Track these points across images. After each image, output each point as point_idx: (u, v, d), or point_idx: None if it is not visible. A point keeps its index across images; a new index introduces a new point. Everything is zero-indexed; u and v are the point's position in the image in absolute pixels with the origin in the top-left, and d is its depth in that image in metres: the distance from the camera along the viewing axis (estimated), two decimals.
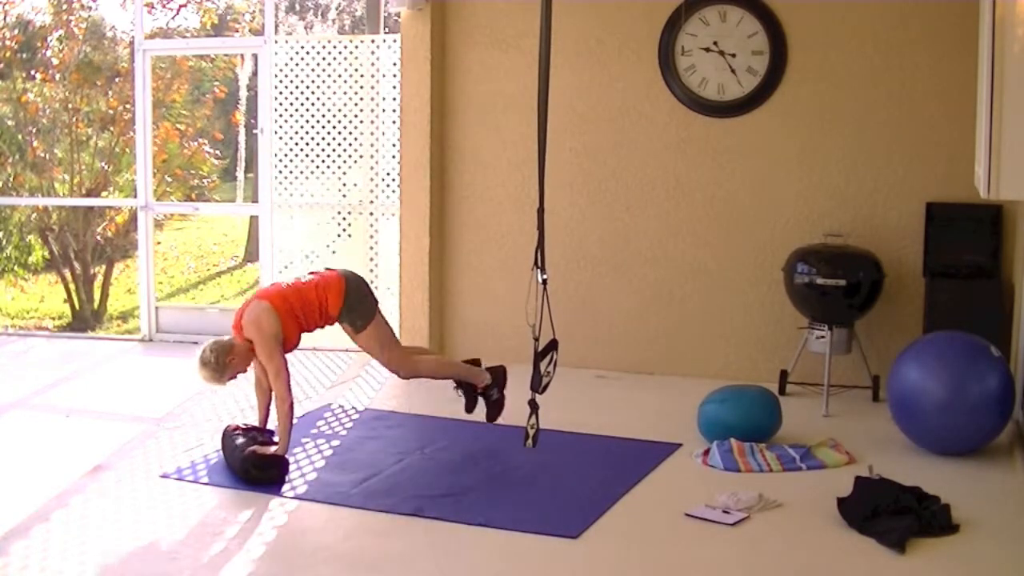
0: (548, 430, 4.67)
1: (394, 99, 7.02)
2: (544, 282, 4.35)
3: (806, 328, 5.83)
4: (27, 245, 12.60)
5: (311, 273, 4.98)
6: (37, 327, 11.57)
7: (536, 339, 4.36)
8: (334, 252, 7.33)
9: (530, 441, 4.57)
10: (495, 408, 5.00)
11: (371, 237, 7.25)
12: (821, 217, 6.15)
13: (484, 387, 5.00)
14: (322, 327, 4.89)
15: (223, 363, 4.65)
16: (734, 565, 3.77)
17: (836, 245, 5.81)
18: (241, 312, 4.77)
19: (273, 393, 4.68)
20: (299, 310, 4.74)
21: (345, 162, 7.25)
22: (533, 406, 4.46)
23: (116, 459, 4.92)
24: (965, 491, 4.35)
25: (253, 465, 4.54)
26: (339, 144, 7.23)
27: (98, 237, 12.05)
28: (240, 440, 4.72)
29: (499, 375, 5.04)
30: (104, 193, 11.99)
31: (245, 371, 4.81)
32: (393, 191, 7.12)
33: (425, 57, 6.66)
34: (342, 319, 4.82)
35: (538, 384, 4.45)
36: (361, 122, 7.18)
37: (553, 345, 4.50)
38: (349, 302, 4.79)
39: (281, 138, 7.29)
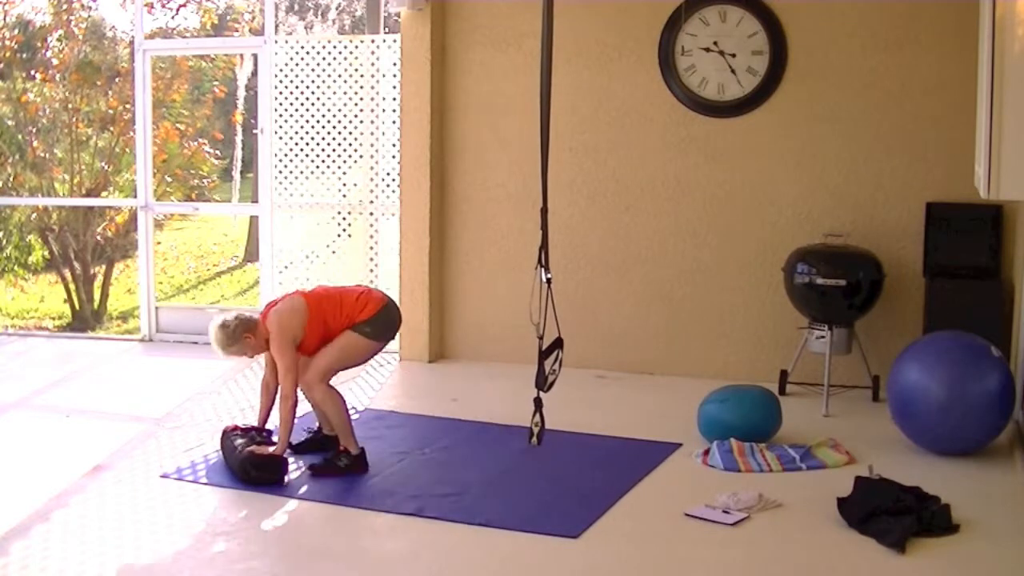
0: (548, 430, 4.66)
1: (394, 99, 7.02)
2: (548, 281, 4.35)
3: (806, 328, 5.84)
4: (27, 245, 12.59)
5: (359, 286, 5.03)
6: (37, 327, 11.57)
7: (540, 338, 4.35)
8: (334, 252, 7.33)
9: (534, 439, 4.57)
10: (327, 470, 4.67)
11: (371, 237, 7.25)
12: (821, 217, 6.15)
13: (344, 450, 4.73)
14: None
15: (239, 336, 4.66)
16: (734, 565, 3.77)
17: (836, 245, 5.81)
18: (275, 302, 4.79)
19: (279, 393, 4.68)
20: (330, 315, 4.72)
21: (345, 162, 7.25)
22: (537, 404, 4.45)
23: (116, 459, 4.92)
24: (965, 491, 4.35)
25: (252, 465, 4.54)
26: (339, 144, 7.23)
27: (98, 237, 12.05)
28: (239, 440, 4.72)
29: (360, 463, 4.71)
30: (104, 193, 11.99)
31: (251, 356, 4.80)
32: (393, 191, 7.12)
33: (425, 57, 6.67)
34: (359, 327, 4.76)
35: (543, 383, 4.45)
36: (361, 122, 7.18)
37: (558, 343, 4.50)
38: (378, 317, 4.76)
39: (281, 138, 7.30)
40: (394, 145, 7.04)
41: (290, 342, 4.64)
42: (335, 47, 7.24)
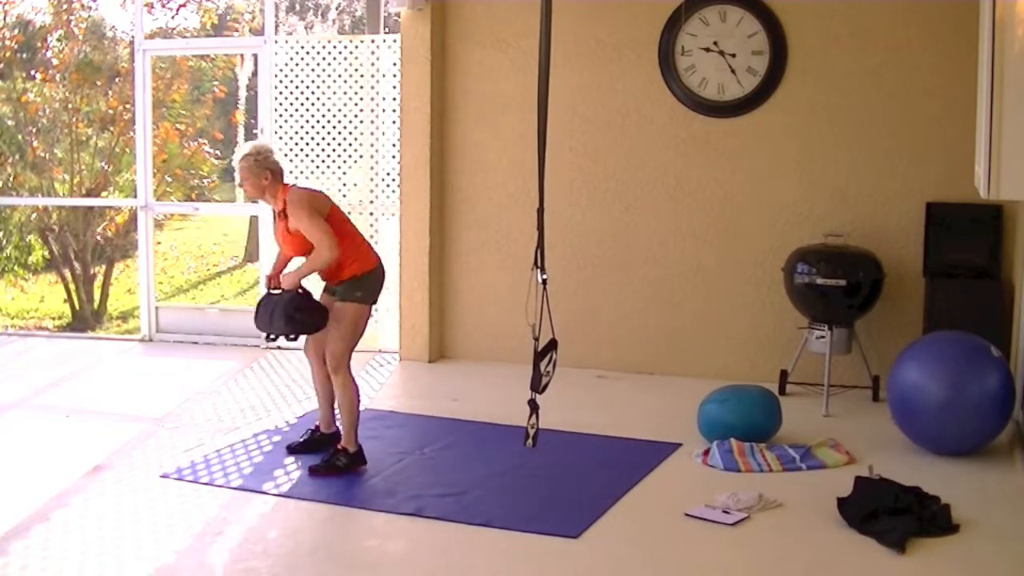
0: (548, 430, 4.66)
1: (394, 99, 7.02)
2: (544, 282, 4.35)
3: (806, 328, 5.84)
4: (27, 245, 12.59)
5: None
6: (37, 327, 11.57)
7: (536, 339, 4.35)
8: None
9: (530, 441, 4.56)
10: (327, 470, 4.69)
11: (371, 237, 7.24)
12: (821, 217, 6.15)
13: (343, 448, 4.77)
14: (323, 280, 4.83)
15: (262, 168, 4.65)
16: (734, 565, 3.77)
17: (836, 245, 5.81)
18: (293, 186, 4.75)
19: (319, 258, 4.60)
20: (335, 233, 4.67)
21: (345, 162, 7.25)
22: (533, 406, 4.46)
23: (116, 459, 4.92)
24: (965, 491, 4.35)
25: (296, 309, 4.60)
26: (339, 144, 7.23)
27: (98, 237, 12.05)
28: (278, 292, 4.72)
29: (358, 459, 4.78)
30: (104, 193, 11.99)
31: (244, 188, 4.75)
32: (393, 191, 7.12)
33: (425, 57, 6.67)
34: (339, 290, 4.74)
35: (538, 384, 4.45)
36: (361, 122, 7.18)
37: (552, 345, 4.50)
38: (361, 280, 4.75)
39: (281, 138, 7.29)
40: (394, 145, 7.04)
41: (317, 212, 4.61)
42: (335, 47, 7.24)
